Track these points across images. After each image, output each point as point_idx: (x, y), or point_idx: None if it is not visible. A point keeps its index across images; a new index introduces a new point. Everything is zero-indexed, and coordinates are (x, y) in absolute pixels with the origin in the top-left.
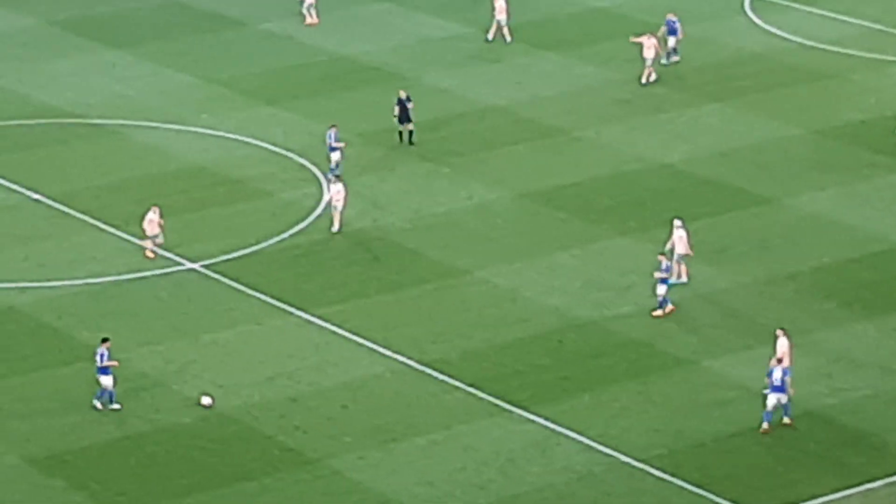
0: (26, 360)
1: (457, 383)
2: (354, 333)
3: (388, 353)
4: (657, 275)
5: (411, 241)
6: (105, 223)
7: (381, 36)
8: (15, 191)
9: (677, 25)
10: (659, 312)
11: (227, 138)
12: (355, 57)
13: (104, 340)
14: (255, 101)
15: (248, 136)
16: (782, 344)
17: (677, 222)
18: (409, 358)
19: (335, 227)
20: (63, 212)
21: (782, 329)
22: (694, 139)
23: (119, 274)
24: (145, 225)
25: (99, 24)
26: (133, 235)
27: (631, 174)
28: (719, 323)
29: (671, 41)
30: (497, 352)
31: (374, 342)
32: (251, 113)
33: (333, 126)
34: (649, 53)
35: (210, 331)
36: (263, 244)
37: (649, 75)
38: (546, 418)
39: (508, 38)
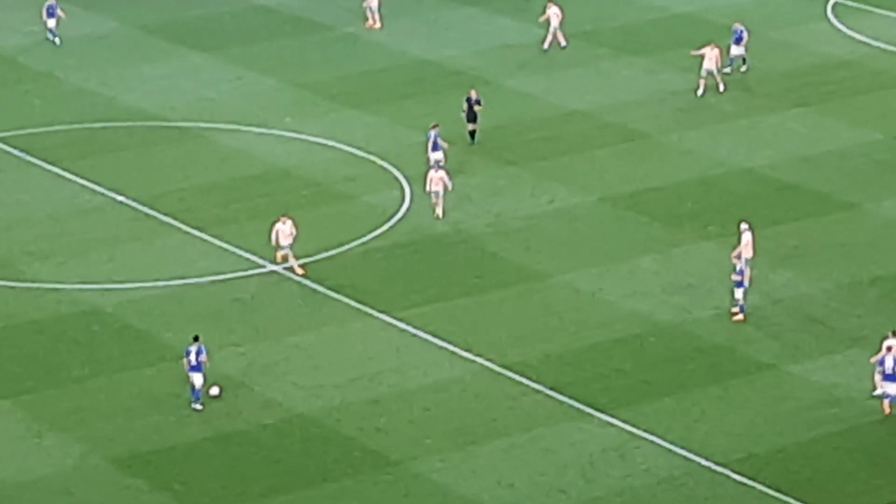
0: (110, 361)
1: (537, 386)
2: (436, 336)
3: (470, 355)
4: (734, 278)
5: (493, 244)
6: (189, 226)
7: (464, 40)
8: (100, 193)
9: (744, 34)
10: (739, 317)
11: (311, 142)
12: (439, 61)
13: (196, 339)
14: (339, 105)
15: (331, 140)
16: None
17: (744, 226)
18: (490, 361)
19: (438, 214)
20: (148, 214)
21: (893, 331)
22: (777, 144)
23: (202, 276)
24: (273, 235)
25: (184, 27)
26: (216, 237)
27: (714, 179)
28: (801, 328)
29: (735, 50)
30: (578, 355)
31: (456, 345)
32: (335, 116)
33: (435, 126)
34: (708, 64)
35: (292, 333)
36: (346, 247)
37: (706, 86)
38: (626, 422)
39: (564, 43)
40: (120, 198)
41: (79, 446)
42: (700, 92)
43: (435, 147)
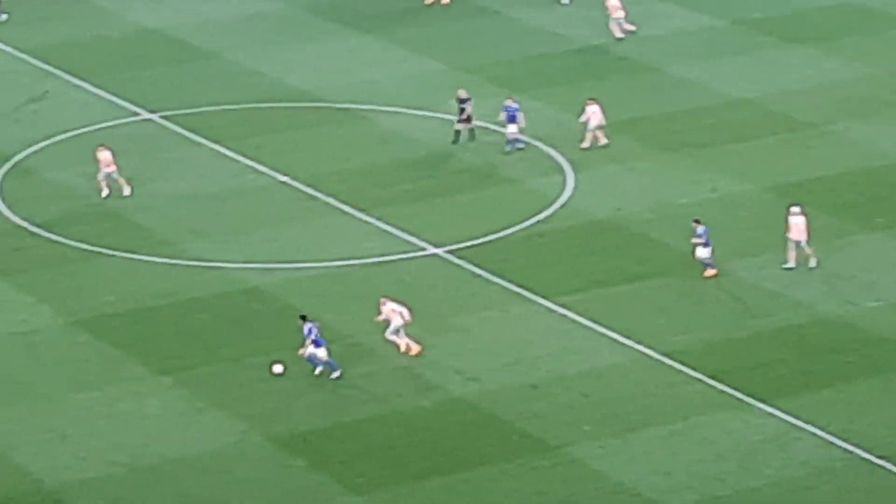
0: (271, 340)
1: (697, 375)
2: (595, 322)
3: (629, 342)
4: (694, 241)
5: (654, 231)
6: (351, 207)
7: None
8: (264, 173)
9: None
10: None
11: (474, 125)
12: (604, 47)
13: (303, 318)
14: (503, 89)
15: (494, 124)
16: None
17: (795, 209)
18: (650, 348)
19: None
20: (310, 195)
21: None
22: None
23: (364, 257)
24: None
25: (349, 9)
26: (378, 219)
27: (880, 170)
28: None
29: None
30: (738, 344)
31: (616, 331)
32: (498, 100)
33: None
34: None
35: (452, 316)
36: (507, 231)
37: None
38: (786, 412)
39: (619, 35)
40: (283, 178)
41: (239, 424)
42: None
43: (512, 119)
